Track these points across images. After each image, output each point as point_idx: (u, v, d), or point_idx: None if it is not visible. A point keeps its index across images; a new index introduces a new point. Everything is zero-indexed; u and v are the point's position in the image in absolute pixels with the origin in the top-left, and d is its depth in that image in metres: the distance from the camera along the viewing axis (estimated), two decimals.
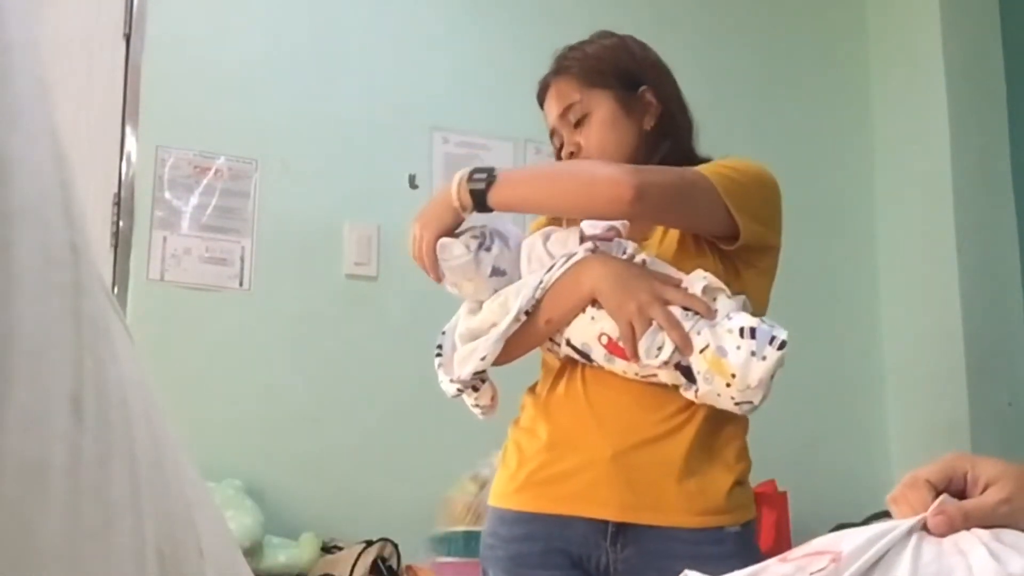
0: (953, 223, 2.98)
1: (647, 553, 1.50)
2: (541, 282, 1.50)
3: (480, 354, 1.51)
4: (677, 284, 1.47)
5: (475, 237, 1.56)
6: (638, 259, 1.52)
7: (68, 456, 0.35)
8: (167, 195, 2.61)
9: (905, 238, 3.16)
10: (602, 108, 1.65)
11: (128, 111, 2.64)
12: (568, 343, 1.53)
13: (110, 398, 0.38)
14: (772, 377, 1.39)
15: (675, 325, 1.41)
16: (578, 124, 1.65)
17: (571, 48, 1.71)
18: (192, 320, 2.58)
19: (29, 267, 0.34)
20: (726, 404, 1.43)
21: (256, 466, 2.49)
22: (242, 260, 2.64)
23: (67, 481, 0.34)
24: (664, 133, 1.65)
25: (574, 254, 1.52)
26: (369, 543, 2.33)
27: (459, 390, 1.56)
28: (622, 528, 1.50)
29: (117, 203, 2.59)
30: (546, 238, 1.58)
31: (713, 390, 1.41)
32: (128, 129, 2.63)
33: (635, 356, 1.44)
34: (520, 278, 1.57)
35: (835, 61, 3.36)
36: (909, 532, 0.70)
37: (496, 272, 1.55)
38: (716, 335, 1.40)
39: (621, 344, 1.46)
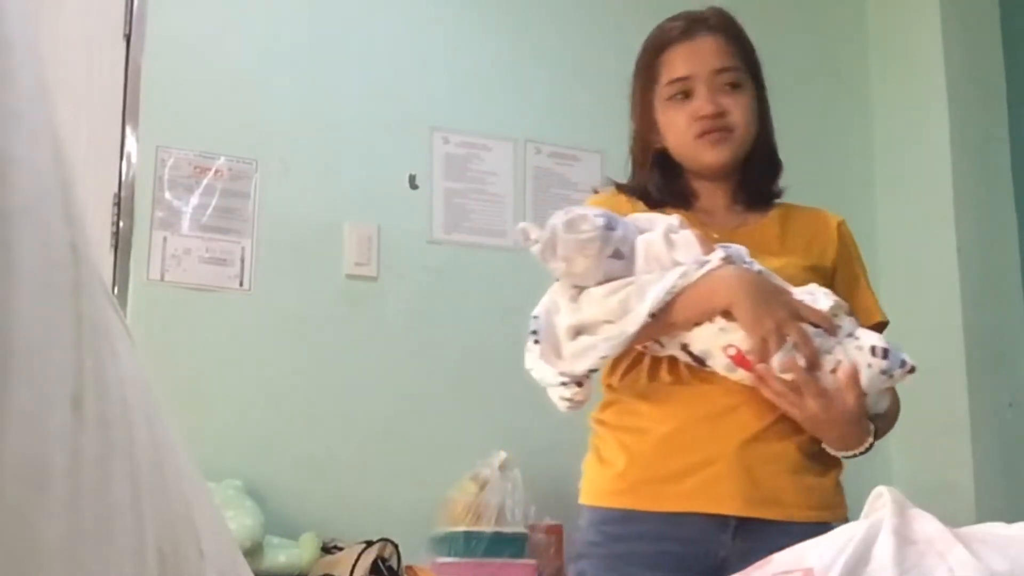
0: (953, 223, 2.98)
1: (763, 548, 1.48)
2: (674, 286, 1.46)
3: (601, 352, 1.46)
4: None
5: (600, 216, 1.50)
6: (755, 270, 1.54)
7: (68, 456, 0.35)
8: (167, 195, 2.61)
9: (905, 238, 3.16)
10: (750, 94, 1.67)
11: (128, 111, 2.64)
12: (684, 348, 1.51)
13: (110, 398, 0.38)
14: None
15: (809, 343, 1.44)
16: (725, 90, 1.64)
17: (729, 17, 1.71)
18: (192, 320, 2.57)
19: (29, 267, 0.34)
20: None
21: (256, 466, 2.49)
22: (242, 260, 2.64)
23: (67, 481, 0.34)
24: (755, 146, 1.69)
25: (706, 261, 1.49)
26: (369, 543, 2.33)
27: (563, 383, 1.48)
28: (743, 523, 1.49)
29: (117, 203, 2.58)
30: (668, 240, 1.53)
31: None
32: (128, 129, 2.63)
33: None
34: (634, 268, 1.52)
35: (835, 61, 3.36)
36: (870, 534, 0.70)
37: (616, 255, 1.50)
38: (847, 353, 1.45)
39: (749, 357, 1.45)
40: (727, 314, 1.46)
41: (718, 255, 1.49)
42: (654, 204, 1.66)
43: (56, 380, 0.35)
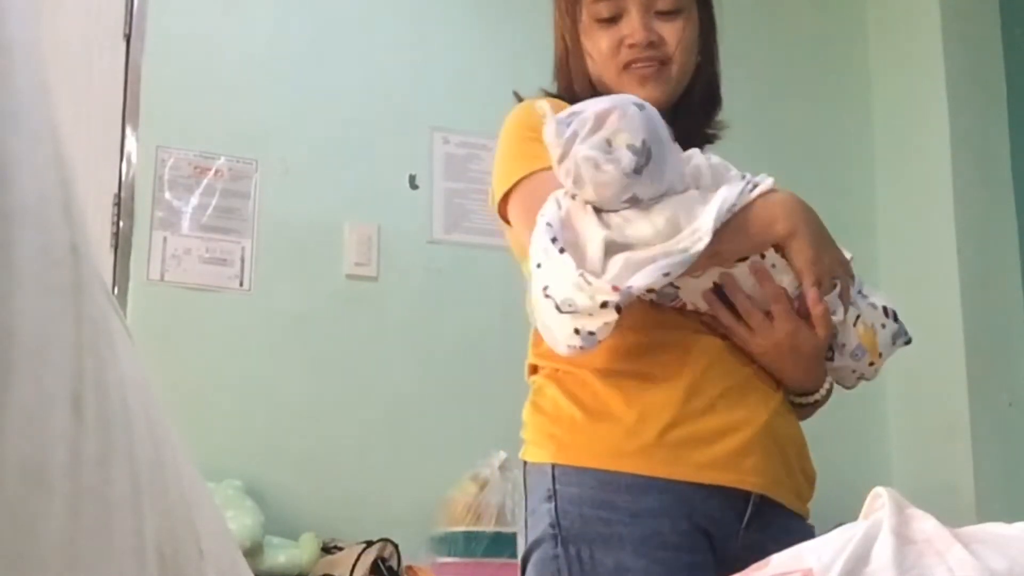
0: (953, 223, 2.98)
1: (771, 540, 1.15)
2: (734, 204, 1.23)
3: (664, 268, 1.15)
4: None
5: (634, 155, 1.18)
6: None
7: (68, 456, 0.35)
8: (167, 195, 2.61)
9: (905, 238, 3.16)
10: (692, 21, 1.40)
11: (128, 111, 2.64)
12: (717, 288, 1.27)
13: (110, 398, 0.38)
14: None
15: (849, 289, 1.30)
16: (662, 15, 1.37)
17: None
18: (192, 320, 2.58)
19: (29, 267, 0.34)
20: (850, 380, 1.37)
21: (256, 466, 2.49)
22: (242, 260, 2.64)
23: (67, 481, 0.34)
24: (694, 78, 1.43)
25: (756, 183, 1.28)
26: (369, 543, 2.33)
27: (605, 304, 1.13)
28: (763, 504, 1.28)
29: (117, 203, 2.59)
30: (707, 156, 1.31)
31: (851, 365, 1.33)
32: (128, 129, 2.63)
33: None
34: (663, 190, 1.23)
35: (835, 61, 3.36)
36: (869, 534, 0.70)
37: (631, 201, 1.20)
38: (863, 309, 1.32)
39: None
40: (779, 250, 1.27)
41: (769, 179, 1.29)
42: None
43: (56, 380, 0.35)
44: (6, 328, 0.33)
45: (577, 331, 1.16)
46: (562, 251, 1.15)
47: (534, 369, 1.40)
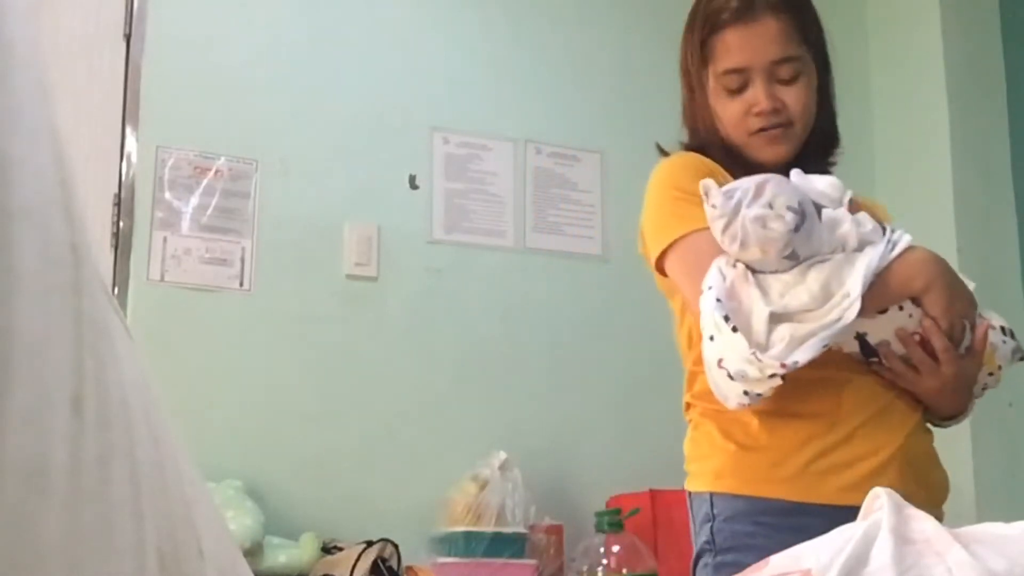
0: (953, 223, 2.98)
1: None
2: (878, 267, 1.36)
3: (824, 341, 1.31)
4: None
5: (794, 215, 1.34)
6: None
7: (69, 456, 0.35)
8: (167, 195, 2.61)
9: None
10: (811, 79, 1.56)
11: (128, 111, 2.64)
12: (860, 336, 1.41)
13: (110, 398, 0.38)
14: None
15: (973, 327, 1.45)
16: (783, 82, 1.53)
17: None
18: (192, 320, 2.57)
19: (29, 267, 0.34)
20: (976, 392, 1.54)
21: (256, 466, 2.49)
22: (242, 260, 2.64)
23: (67, 481, 0.34)
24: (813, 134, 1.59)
25: (895, 241, 1.41)
26: (369, 543, 2.33)
27: (772, 375, 1.31)
28: None
29: (117, 203, 2.58)
30: (856, 222, 1.42)
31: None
32: (128, 129, 2.63)
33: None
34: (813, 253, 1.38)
35: (835, 61, 3.35)
36: (868, 534, 0.70)
37: (791, 256, 1.36)
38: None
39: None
40: (915, 300, 1.40)
41: (907, 236, 1.42)
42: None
43: (56, 380, 0.35)
44: (6, 328, 0.33)
45: (746, 392, 1.33)
46: (735, 330, 1.31)
47: (688, 406, 1.57)
